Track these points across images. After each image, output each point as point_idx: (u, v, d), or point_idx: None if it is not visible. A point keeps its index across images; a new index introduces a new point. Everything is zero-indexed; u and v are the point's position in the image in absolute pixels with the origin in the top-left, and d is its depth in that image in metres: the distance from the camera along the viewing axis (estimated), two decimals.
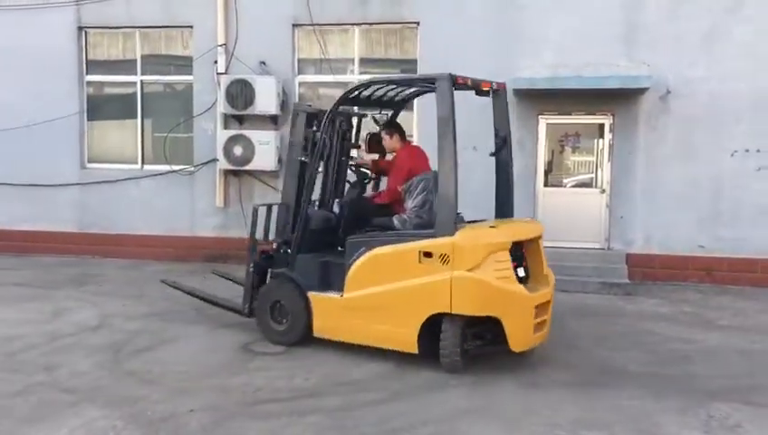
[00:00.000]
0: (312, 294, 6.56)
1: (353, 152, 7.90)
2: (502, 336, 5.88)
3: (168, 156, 11.37)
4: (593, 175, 10.64)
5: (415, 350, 6.02)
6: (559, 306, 8.65)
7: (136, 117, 11.63)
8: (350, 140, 7.66)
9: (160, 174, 11.43)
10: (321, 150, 6.82)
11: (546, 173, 10.65)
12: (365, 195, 7.45)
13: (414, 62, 10.80)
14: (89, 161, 11.80)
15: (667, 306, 8.85)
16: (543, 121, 10.45)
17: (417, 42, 10.75)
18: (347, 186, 7.64)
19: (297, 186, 6.94)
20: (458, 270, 5.74)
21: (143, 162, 11.67)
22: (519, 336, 5.94)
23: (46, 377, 5.67)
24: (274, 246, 6.96)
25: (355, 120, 7.78)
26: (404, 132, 7.33)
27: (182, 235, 11.36)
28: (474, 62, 10.30)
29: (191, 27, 11.25)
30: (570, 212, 10.38)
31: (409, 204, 6.60)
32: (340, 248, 6.84)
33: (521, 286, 6.00)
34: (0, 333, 6.87)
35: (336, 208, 7.18)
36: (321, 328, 6.55)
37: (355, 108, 7.60)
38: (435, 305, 5.85)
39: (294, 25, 10.97)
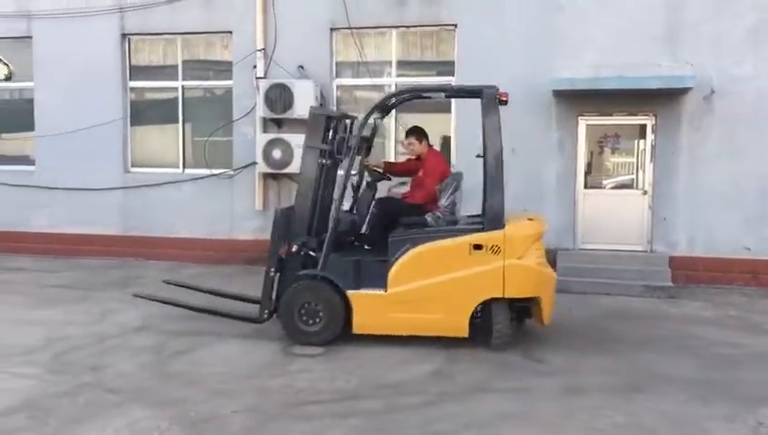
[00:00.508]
0: (351, 293, 6.70)
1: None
2: (528, 314, 6.96)
3: (207, 160, 11.51)
4: (633, 176, 10.47)
5: (466, 334, 6.67)
6: (601, 309, 8.59)
7: (177, 122, 11.80)
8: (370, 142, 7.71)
9: (201, 178, 11.58)
10: (353, 153, 6.89)
11: (585, 175, 10.51)
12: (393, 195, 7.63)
13: (451, 63, 10.77)
14: (132, 166, 12.01)
15: (712, 310, 8.66)
16: (583, 122, 10.32)
17: (454, 44, 10.72)
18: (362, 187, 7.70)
19: (315, 188, 7.05)
20: (510, 259, 6.53)
21: (184, 166, 11.83)
22: (548, 312, 6.87)
23: (92, 377, 5.78)
24: (294, 248, 6.93)
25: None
26: (428, 136, 7.70)
27: (221, 238, 11.49)
28: (511, 64, 10.31)
29: (230, 33, 11.39)
30: (611, 214, 10.23)
31: (443, 202, 6.99)
32: (366, 247, 7.17)
33: (551, 269, 7.09)
34: (47, 335, 7.03)
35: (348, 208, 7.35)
36: (362, 325, 6.77)
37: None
38: (488, 292, 6.59)
39: (332, 29, 11.03)
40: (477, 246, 6.53)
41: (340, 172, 7.16)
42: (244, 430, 4.78)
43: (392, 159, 10.58)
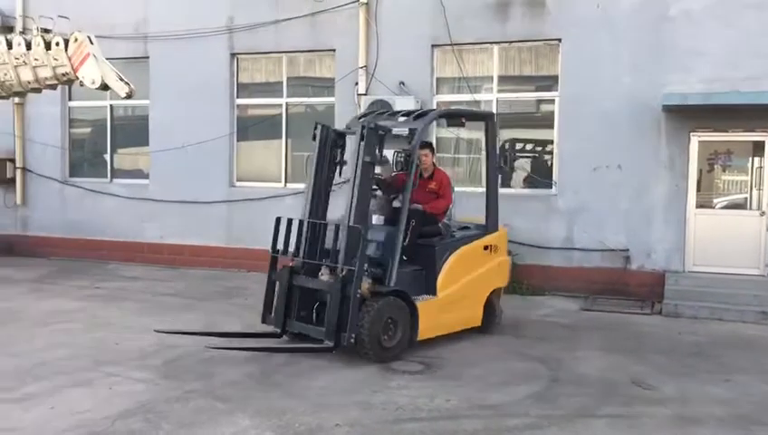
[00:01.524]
0: (418, 303, 7.04)
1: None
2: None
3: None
4: (747, 195, 9.93)
5: (480, 323, 7.80)
6: (713, 336, 8.18)
7: (281, 137, 12.15)
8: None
9: (302, 192, 11.80)
10: (369, 168, 7.00)
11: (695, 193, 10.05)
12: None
13: (555, 78, 10.59)
14: (237, 180, 12.43)
15: None
16: (696, 139, 9.88)
17: (557, 58, 10.54)
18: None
19: (318, 202, 7.36)
20: (502, 256, 8.16)
21: (286, 180, 12.15)
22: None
23: (201, 385, 5.98)
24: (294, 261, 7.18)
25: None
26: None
27: None
28: (619, 78, 10.05)
29: (333, 51, 11.64)
30: (724, 235, 9.73)
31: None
32: (404, 257, 7.20)
33: None
34: (158, 341, 7.34)
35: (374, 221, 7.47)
36: (423, 331, 7.11)
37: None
38: (495, 283, 8.04)
39: (433, 45, 11.07)
40: (486, 247, 7.88)
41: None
42: None
43: None
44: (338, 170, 7.68)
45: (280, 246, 7.41)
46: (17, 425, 5.05)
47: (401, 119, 7.66)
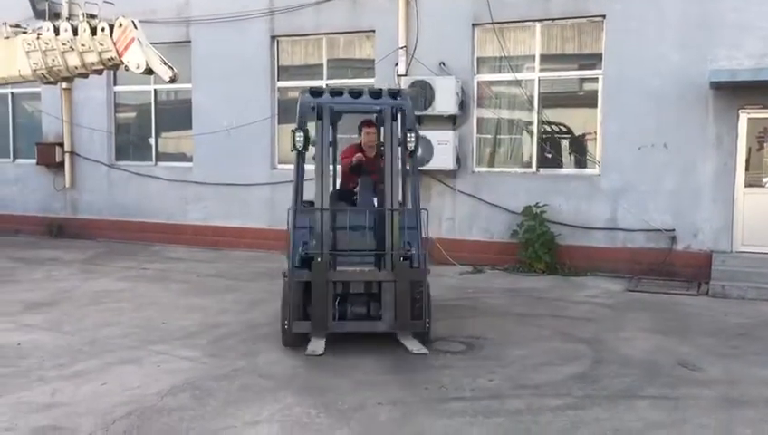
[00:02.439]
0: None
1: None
2: None
3: None
4: None
5: None
6: (762, 317, 7.99)
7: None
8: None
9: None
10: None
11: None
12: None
13: (598, 56, 10.40)
14: (278, 162, 12.53)
15: None
16: (744, 116, 9.61)
17: (602, 36, 10.33)
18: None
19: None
20: None
21: None
22: None
23: (246, 363, 6.10)
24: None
25: None
26: None
27: None
28: (664, 55, 9.83)
29: (373, 32, 11.60)
30: None
31: None
32: None
33: None
34: (203, 320, 7.51)
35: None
36: None
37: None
38: None
39: (474, 24, 10.95)
40: None
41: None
42: (390, 421, 4.87)
43: None
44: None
45: (307, 240, 6.63)
46: (71, 400, 5.22)
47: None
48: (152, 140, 13.63)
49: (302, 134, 6.64)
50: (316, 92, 6.97)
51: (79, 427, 4.74)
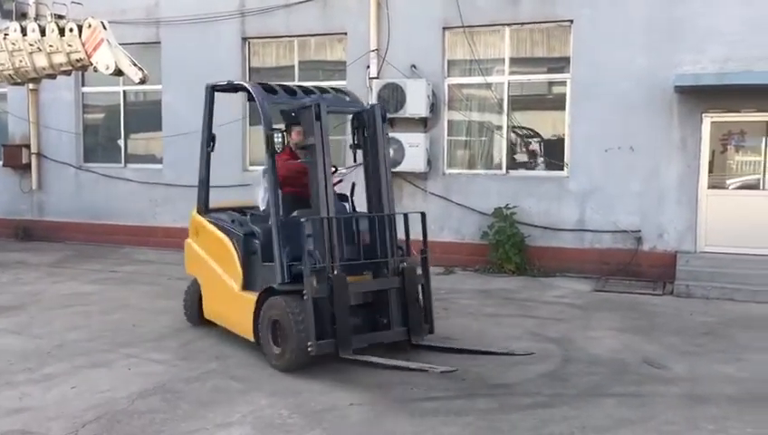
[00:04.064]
0: None
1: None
2: None
3: None
4: (760, 176, 9.88)
5: None
6: (725, 315, 8.19)
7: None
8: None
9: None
10: None
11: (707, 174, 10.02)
12: None
13: (566, 60, 10.56)
14: (249, 164, 12.48)
15: None
16: (708, 120, 9.83)
17: (570, 40, 10.49)
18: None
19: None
20: None
21: None
22: None
23: (218, 365, 6.10)
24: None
25: None
26: None
27: None
28: (631, 59, 10.01)
29: (345, 34, 11.63)
30: (736, 216, 9.69)
31: None
32: None
33: None
34: (173, 324, 7.47)
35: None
36: None
37: None
38: None
39: (445, 28, 11.04)
40: None
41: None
42: (362, 422, 4.91)
43: None
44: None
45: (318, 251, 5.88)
46: (40, 404, 5.18)
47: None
48: (121, 142, 13.50)
49: (280, 135, 6.25)
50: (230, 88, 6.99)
51: (48, 431, 4.70)
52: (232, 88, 7.34)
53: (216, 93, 7.34)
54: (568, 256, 10.44)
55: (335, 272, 5.76)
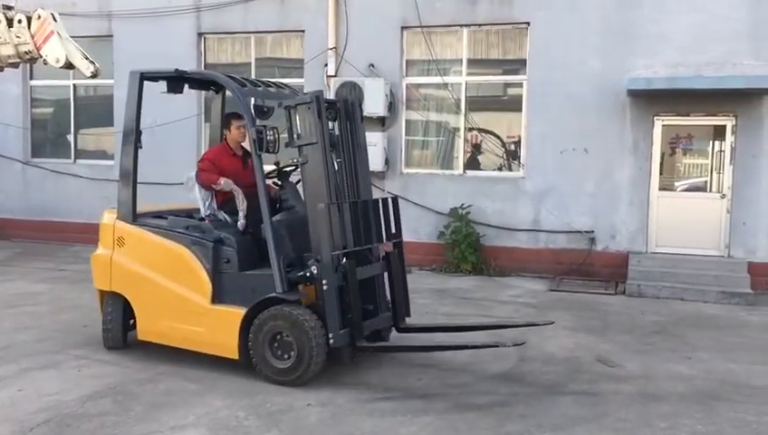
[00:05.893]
0: None
1: None
2: None
3: (278, 156, 11.67)
4: (707, 179, 10.16)
5: None
6: (675, 315, 8.38)
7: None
8: None
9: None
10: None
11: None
12: None
13: (523, 62, 10.68)
14: None
15: None
16: (659, 123, 10.06)
17: (526, 42, 10.61)
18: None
19: None
20: None
21: None
22: None
23: (172, 367, 5.96)
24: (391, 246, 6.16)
25: None
26: None
27: None
28: (585, 63, 10.18)
29: (303, 31, 11.55)
30: (686, 217, 9.95)
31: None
32: None
33: None
34: None
35: None
36: None
37: None
38: None
39: (403, 27, 11.06)
40: None
41: None
42: (320, 422, 4.86)
43: None
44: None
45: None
46: None
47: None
48: (71, 137, 13.17)
49: (272, 131, 5.96)
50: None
51: None
52: (180, 79, 6.88)
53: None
54: (523, 256, 10.56)
55: (344, 259, 5.56)
